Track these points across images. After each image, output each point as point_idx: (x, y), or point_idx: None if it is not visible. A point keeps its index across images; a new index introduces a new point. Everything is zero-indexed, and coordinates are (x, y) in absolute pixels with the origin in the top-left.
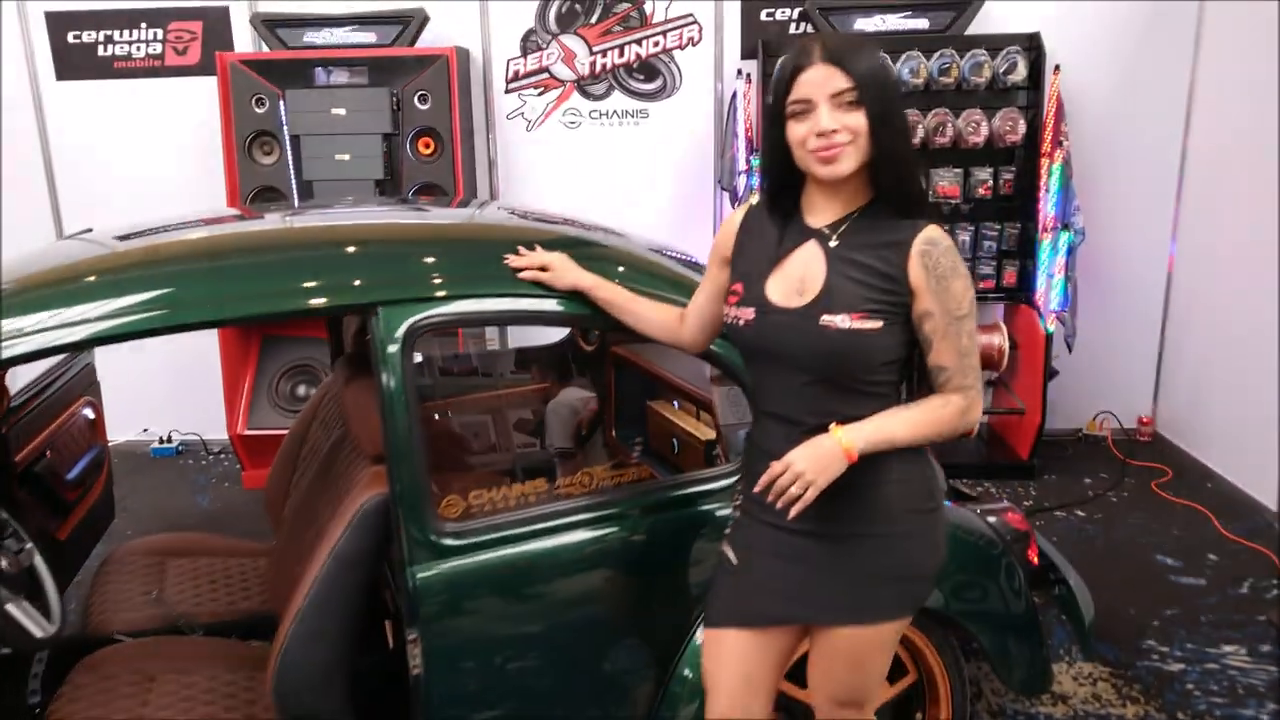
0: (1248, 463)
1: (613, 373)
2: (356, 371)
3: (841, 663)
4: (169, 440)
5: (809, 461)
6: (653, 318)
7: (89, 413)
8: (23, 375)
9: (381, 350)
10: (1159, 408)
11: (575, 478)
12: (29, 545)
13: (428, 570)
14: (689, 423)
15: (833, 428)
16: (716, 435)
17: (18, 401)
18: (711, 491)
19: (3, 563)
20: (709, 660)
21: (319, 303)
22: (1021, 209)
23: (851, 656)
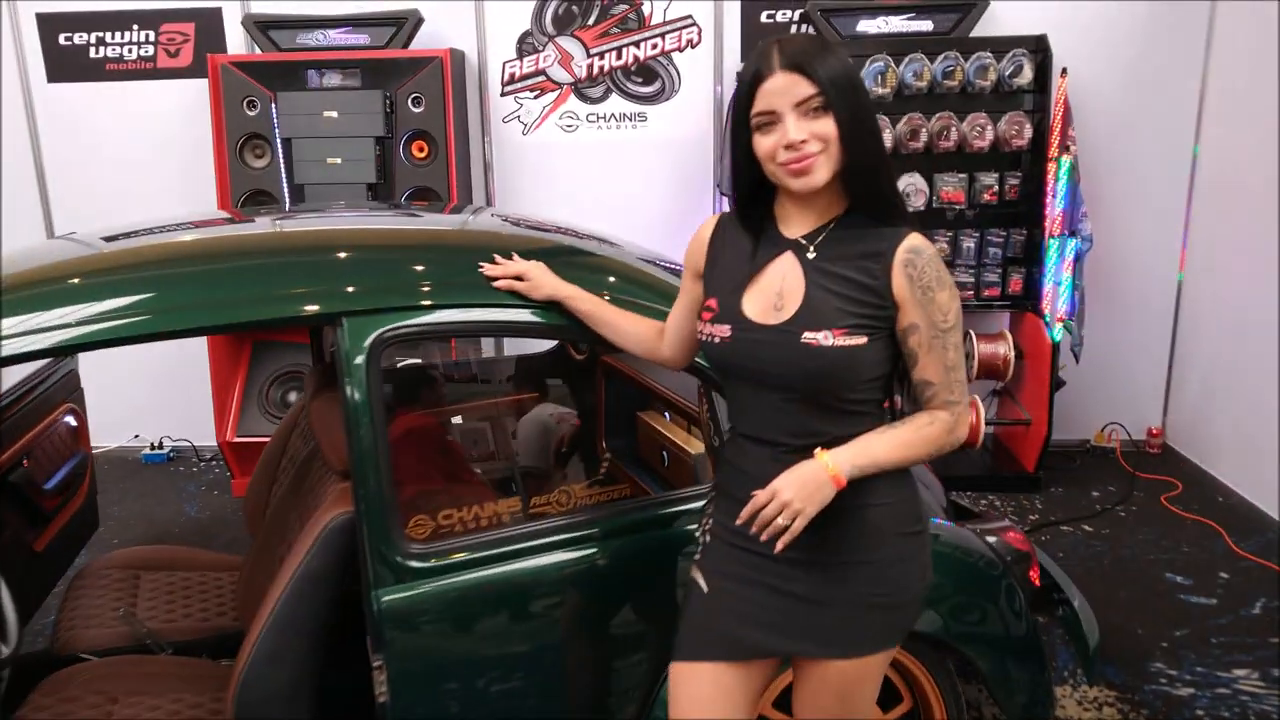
0: (1260, 477)
1: (603, 383)
2: (325, 383)
3: (830, 696)
4: (160, 446)
5: (795, 489)
6: (631, 332)
7: (71, 420)
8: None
9: (346, 362)
10: (1169, 419)
11: (553, 496)
12: None
13: (393, 594)
14: (680, 435)
15: (818, 452)
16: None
17: None
18: (699, 510)
19: None
20: (681, 698)
21: (277, 314)
22: (1028, 215)
23: (840, 689)
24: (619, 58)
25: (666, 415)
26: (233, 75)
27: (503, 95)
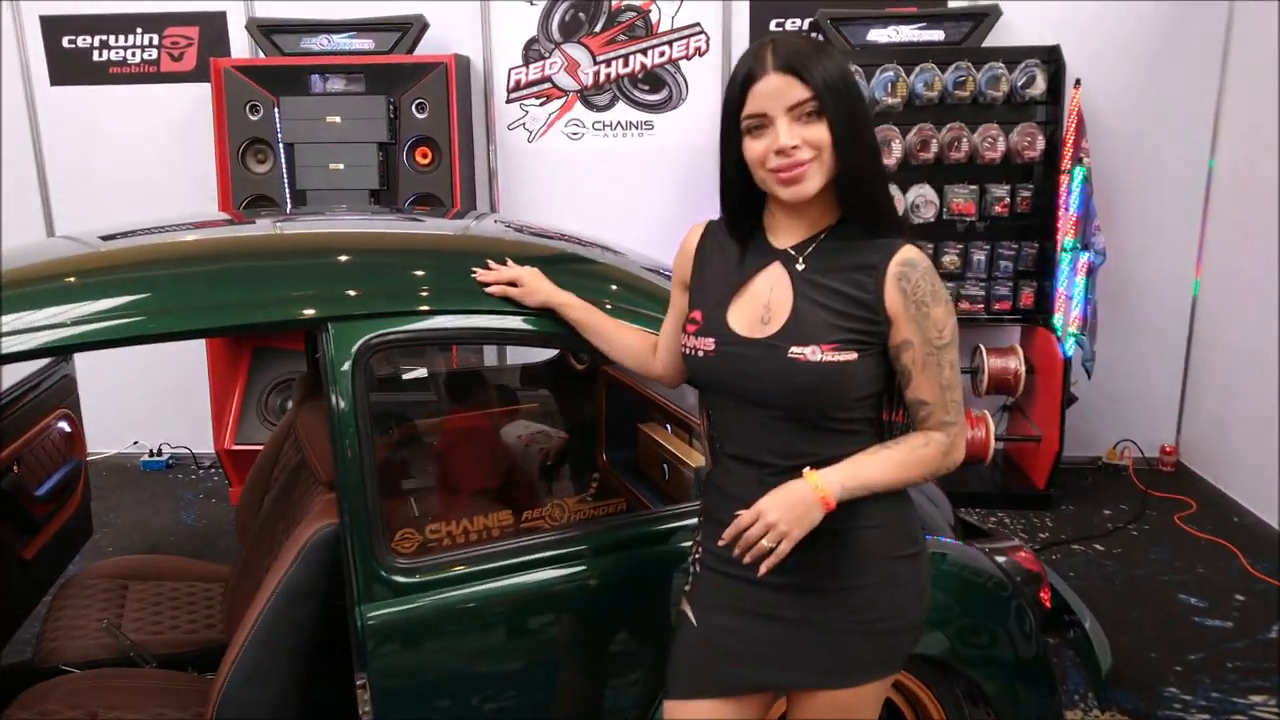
0: (1276, 496)
1: (604, 393)
2: (313, 390)
3: None
4: (159, 453)
5: (781, 510)
6: (624, 344)
7: (65, 426)
8: None
9: (332, 370)
10: (1182, 436)
11: (545, 510)
12: None
13: (378, 610)
14: (681, 448)
15: (806, 472)
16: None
17: None
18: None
19: None
20: None
21: (258, 319)
22: (1040, 227)
23: (835, 719)
24: (626, 65)
25: (668, 427)
26: (236, 79)
27: (508, 102)
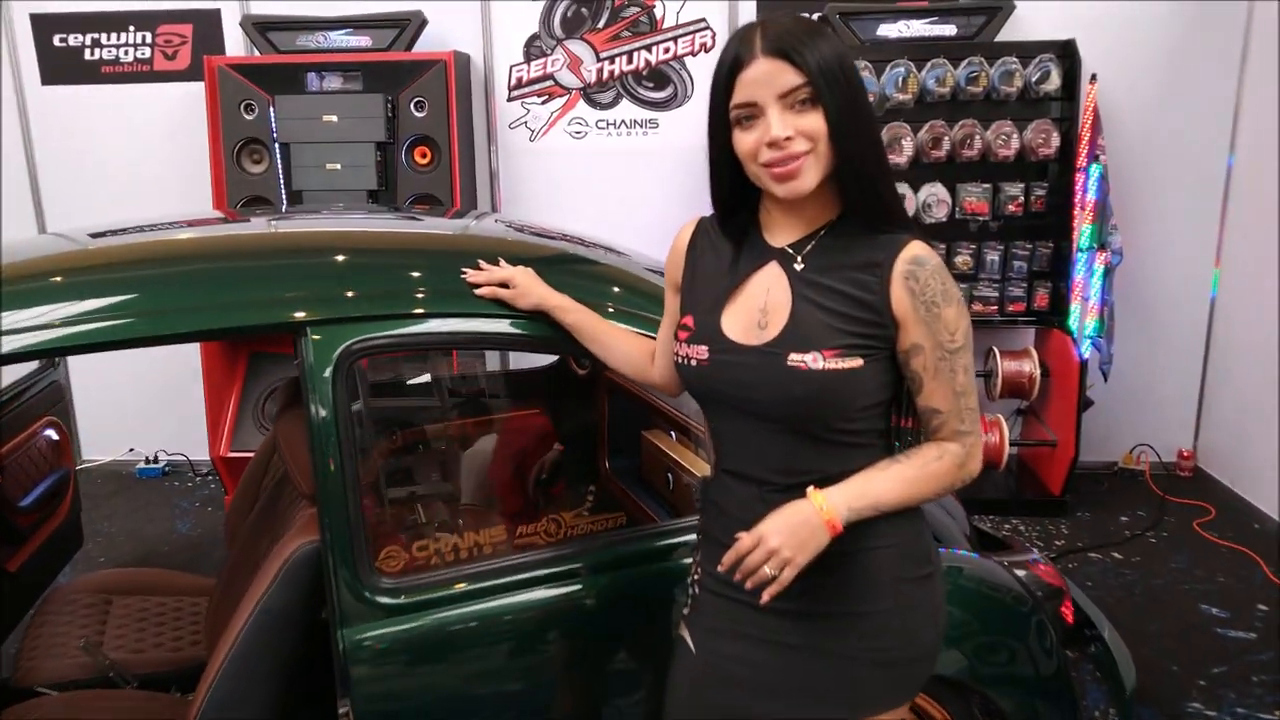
0: None
1: (605, 399)
2: (296, 397)
3: None
4: (155, 460)
5: (784, 535)
6: (621, 350)
7: (53, 434)
8: None
9: (311, 377)
10: (1200, 440)
11: (540, 525)
12: None
13: (361, 633)
14: (686, 456)
15: (810, 492)
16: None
17: None
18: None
19: None
20: None
21: (231, 323)
22: (1054, 227)
23: None
24: (630, 62)
25: (672, 434)
26: (230, 78)
27: (509, 100)
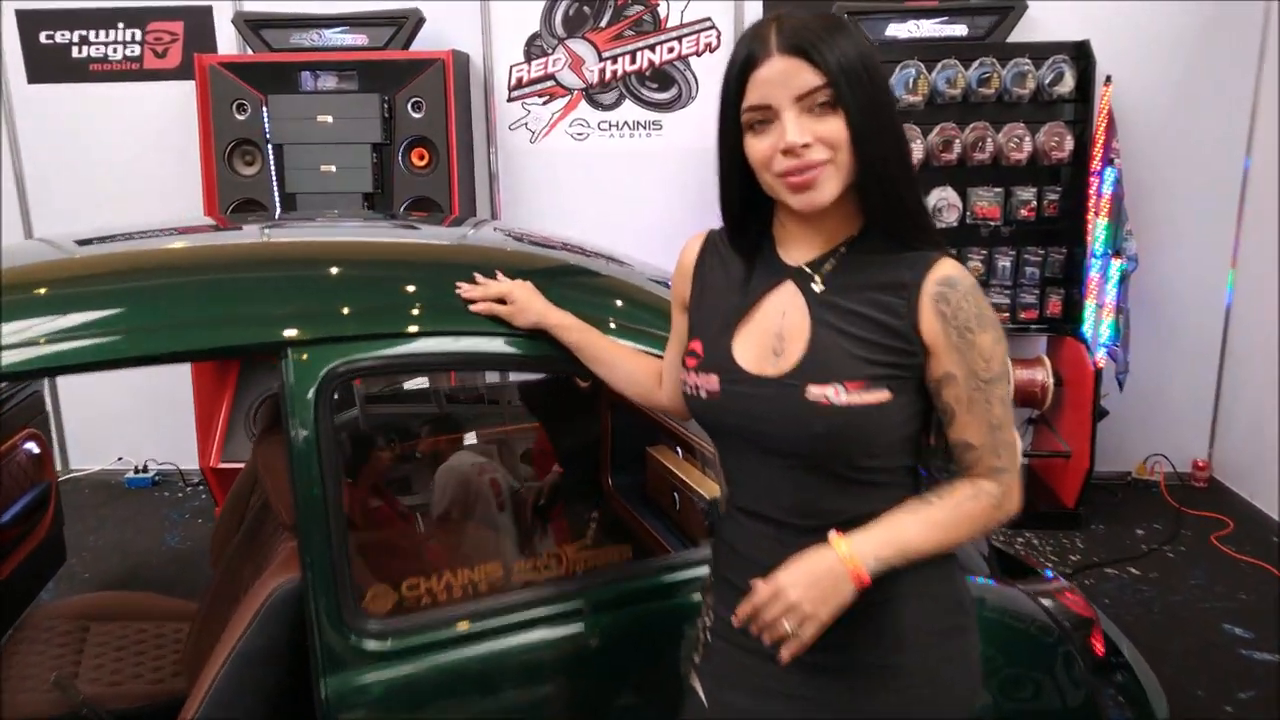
0: None
1: (610, 414)
2: (277, 419)
3: None
4: (144, 470)
5: (804, 587)
6: (626, 372)
7: (33, 446)
8: None
9: (292, 401)
10: (1215, 451)
11: (542, 560)
12: None
13: (345, 682)
14: (695, 476)
15: (833, 538)
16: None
17: None
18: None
19: None
20: None
21: (204, 344)
22: (1068, 232)
23: None
24: (633, 62)
25: (679, 451)
26: (222, 77)
27: (509, 101)
